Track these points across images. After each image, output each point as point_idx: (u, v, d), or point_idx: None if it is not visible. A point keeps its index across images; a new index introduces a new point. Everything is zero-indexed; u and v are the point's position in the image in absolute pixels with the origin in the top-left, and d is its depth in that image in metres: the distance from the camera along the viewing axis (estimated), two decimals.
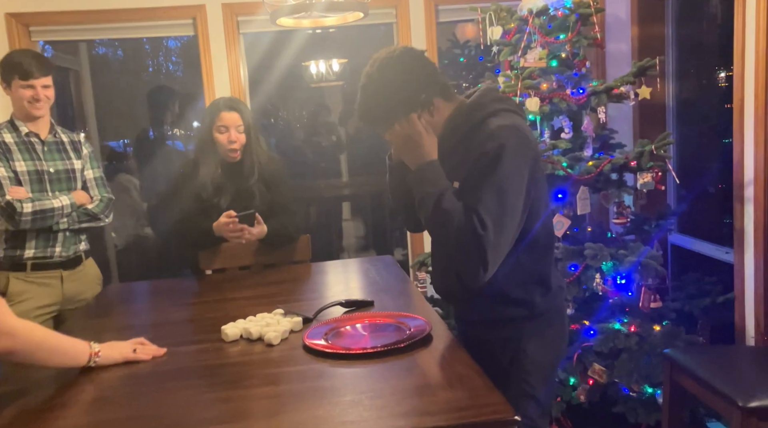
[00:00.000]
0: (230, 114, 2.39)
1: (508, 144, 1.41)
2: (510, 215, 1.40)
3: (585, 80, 2.73)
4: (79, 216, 2.45)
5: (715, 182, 3.29)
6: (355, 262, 2.83)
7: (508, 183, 1.40)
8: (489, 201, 1.38)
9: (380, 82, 1.50)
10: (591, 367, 2.51)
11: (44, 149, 2.42)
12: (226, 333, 1.61)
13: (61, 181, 2.44)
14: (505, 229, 1.39)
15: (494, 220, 1.37)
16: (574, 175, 2.55)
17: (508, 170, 1.40)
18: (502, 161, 1.39)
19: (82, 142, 2.56)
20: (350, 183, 6.23)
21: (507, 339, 1.55)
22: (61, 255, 2.44)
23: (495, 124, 1.45)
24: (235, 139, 2.39)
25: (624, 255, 2.51)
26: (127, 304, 2.26)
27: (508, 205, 1.40)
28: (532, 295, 1.54)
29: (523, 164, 1.43)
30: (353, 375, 1.37)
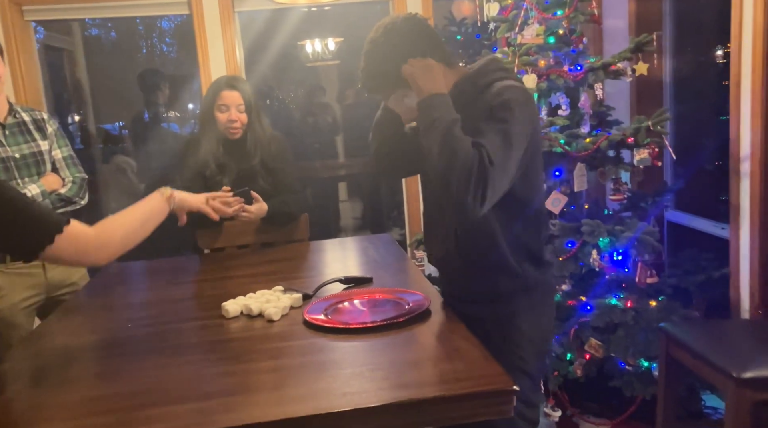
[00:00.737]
0: (231, 92, 2.39)
1: (515, 98, 1.44)
2: (512, 160, 1.42)
3: (582, 57, 2.72)
4: (53, 203, 2.29)
5: (711, 159, 3.30)
6: (354, 241, 2.85)
7: (513, 130, 1.41)
8: (495, 141, 1.40)
9: (385, 47, 1.51)
10: (588, 342, 2.54)
11: (6, 133, 2.25)
12: (226, 309, 1.62)
13: (29, 166, 2.27)
14: (506, 170, 1.41)
15: (499, 158, 1.38)
16: (571, 152, 2.56)
17: (514, 119, 1.42)
18: (510, 111, 1.42)
19: (46, 120, 2.38)
20: (347, 163, 6.22)
21: (499, 316, 1.56)
22: None
23: (501, 85, 1.48)
24: (235, 118, 2.38)
25: (621, 231, 2.52)
26: (126, 284, 2.27)
27: (513, 149, 1.41)
28: (526, 267, 1.57)
29: (528, 120, 1.46)
30: (353, 349, 1.39)
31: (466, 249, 1.59)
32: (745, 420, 1.85)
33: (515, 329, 1.55)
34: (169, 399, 1.20)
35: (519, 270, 1.56)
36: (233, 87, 2.40)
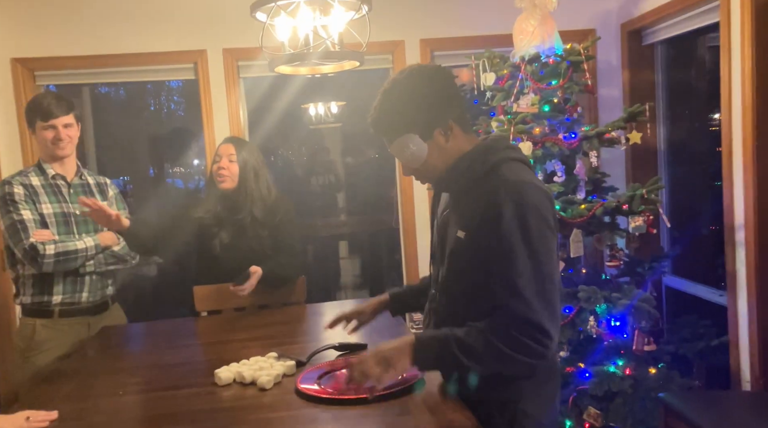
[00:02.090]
0: (226, 145, 2.54)
1: (528, 201, 1.35)
2: (550, 278, 1.34)
3: (577, 125, 2.79)
4: (106, 259, 2.40)
5: (707, 224, 3.33)
6: (351, 304, 2.84)
7: (538, 244, 1.33)
8: (524, 271, 1.31)
9: (404, 89, 1.45)
10: (586, 410, 2.50)
11: (71, 191, 2.41)
12: (219, 377, 1.61)
13: (87, 223, 2.40)
14: (551, 296, 1.33)
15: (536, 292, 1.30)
16: (567, 218, 2.58)
17: (534, 231, 1.33)
18: (527, 223, 1.33)
19: (108, 184, 2.57)
20: (348, 221, 6.27)
21: (506, 401, 1.46)
22: (89, 300, 2.37)
23: (509, 178, 1.39)
24: (224, 166, 2.48)
25: (617, 297, 2.52)
26: (122, 347, 2.26)
27: (544, 268, 1.33)
28: None
29: (547, 220, 1.37)
30: (346, 421, 1.37)
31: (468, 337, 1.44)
32: None
33: (521, 413, 1.46)
34: None
35: None
36: (229, 141, 2.58)
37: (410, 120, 1.44)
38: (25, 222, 2.27)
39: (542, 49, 2.77)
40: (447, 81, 1.48)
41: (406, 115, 1.44)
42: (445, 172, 1.49)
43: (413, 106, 1.44)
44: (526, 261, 1.32)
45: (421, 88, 1.44)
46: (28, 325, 2.34)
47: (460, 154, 1.47)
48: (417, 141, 1.45)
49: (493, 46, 3.09)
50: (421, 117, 1.43)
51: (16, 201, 2.28)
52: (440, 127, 1.44)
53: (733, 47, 2.53)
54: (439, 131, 1.44)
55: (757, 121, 2.44)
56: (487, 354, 1.31)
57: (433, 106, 1.44)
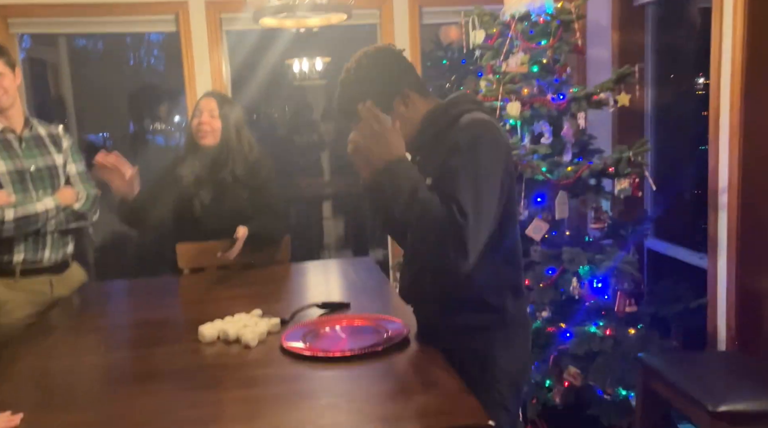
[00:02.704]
0: (207, 100, 2.46)
1: (483, 135, 1.46)
2: (487, 203, 1.43)
3: (565, 86, 2.76)
4: (67, 217, 2.30)
5: (691, 188, 3.35)
6: (335, 263, 2.84)
7: (483, 172, 1.43)
8: (466, 189, 1.39)
9: (358, 74, 1.57)
10: (566, 370, 2.55)
11: (22, 145, 2.27)
12: (203, 334, 1.60)
13: (43, 179, 2.28)
14: (482, 217, 1.41)
15: (473, 208, 1.38)
16: (552, 180, 2.58)
17: (484, 159, 1.44)
18: (478, 151, 1.44)
19: (61, 135, 2.40)
20: (331, 182, 6.23)
21: (477, 350, 1.54)
22: (51, 259, 2.29)
23: (468, 119, 1.50)
24: (205, 122, 2.41)
25: (600, 259, 2.54)
26: (104, 304, 2.24)
27: (485, 193, 1.42)
28: (505, 301, 1.55)
29: (498, 155, 1.48)
30: (330, 378, 1.38)
31: (444, 286, 1.55)
32: None
33: (492, 363, 1.53)
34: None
35: (497, 305, 1.54)
36: (210, 95, 2.49)
37: (370, 98, 1.52)
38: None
39: (533, 7, 2.71)
40: (395, 58, 1.61)
41: (364, 95, 1.53)
42: (412, 139, 1.58)
43: (368, 84, 1.55)
44: (469, 184, 1.40)
45: (372, 67, 1.57)
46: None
47: (422, 118, 1.58)
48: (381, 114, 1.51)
49: (483, 3, 3.03)
50: (377, 92, 1.53)
51: None
52: (398, 97, 1.56)
53: (725, 9, 2.50)
54: (398, 101, 1.56)
55: (745, 84, 2.43)
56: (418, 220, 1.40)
57: (387, 81, 1.56)
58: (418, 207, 1.40)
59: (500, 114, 2.69)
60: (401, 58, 1.62)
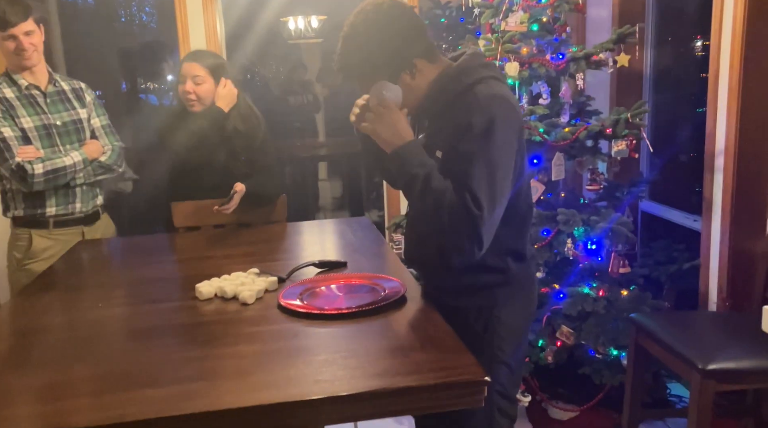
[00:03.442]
0: (189, 65, 2.38)
1: (498, 116, 1.38)
2: (501, 191, 1.39)
3: (565, 46, 2.72)
4: (94, 170, 2.39)
5: (688, 151, 3.34)
6: (331, 223, 2.85)
7: (499, 158, 1.38)
8: (481, 177, 1.35)
9: (365, 36, 1.44)
10: (559, 329, 2.58)
11: (47, 101, 2.33)
12: (200, 291, 1.61)
13: (70, 134, 2.35)
14: (497, 205, 1.38)
15: (487, 198, 1.35)
16: (550, 141, 2.57)
17: (499, 144, 1.37)
18: (494, 135, 1.37)
19: (84, 89, 2.47)
20: (327, 143, 6.19)
21: (480, 307, 1.55)
22: (82, 210, 2.40)
23: (483, 93, 1.41)
24: (190, 90, 2.36)
25: (595, 221, 2.55)
26: (100, 261, 2.24)
27: (499, 180, 1.38)
28: (508, 263, 1.55)
29: (513, 136, 1.42)
30: (327, 336, 1.39)
31: None
32: (708, 410, 1.91)
33: (495, 320, 1.54)
34: (138, 384, 1.19)
35: (502, 266, 1.55)
36: (191, 59, 2.41)
37: (374, 67, 1.45)
38: (7, 141, 2.21)
39: None
40: (405, 18, 1.47)
41: (369, 64, 1.45)
42: (420, 103, 1.51)
43: (375, 53, 1.44)
44: (483, 174, 1.36)
45: (379, 33, 1.44)
46: (23, 235, 2.35)
47: (430, 83, 1.49)
48: (387, 85, 1.46)
49: None
50: (384, 63, 1.46)
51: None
52: (406, 69, 1.46)
53: None
54: (406, 72, 1.47)
55: (745, 46, 2.40)
56: (432, 208, 1.38)
57: (395, 49, 1.45)
58: (431, 197, 1.38)
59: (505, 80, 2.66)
60: (413, 16, 1.49)
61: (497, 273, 1.55)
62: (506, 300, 1.56)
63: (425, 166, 1.41)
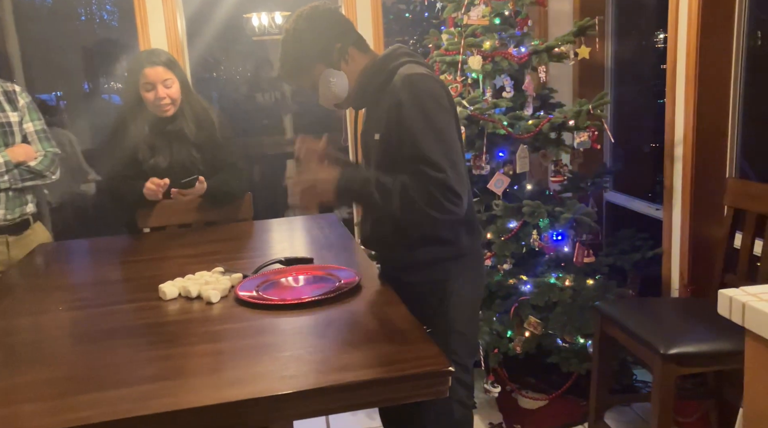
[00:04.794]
0: (153, 69, 2.27)
1: (423, 89, 1.50)
2: (455, 150, 1.50)
3: (527, 39, 2.75)
4: (21, 175, 2.26)
5: (649, 141, 3.41)
6: (299, 220, 2.83)
7: (439, 122, 1.49)
8: (430, 142, 1.46)
9: (295, 35, 1.61)
10: (527, 320, 2.61)
11: None
12: (163, 291, 1.59)
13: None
14: (457, 162, 1.48)
15: (444, 158, 1.45)
16: (514, 134, 2.59)
17: (434, 112, 1.49)
18: (425, 104, 1.49)
19: (17, 92, 2.36)
20: (294, 140, 6.14)
21: (435, 281, 1.65)
22: (6, 218, 2.26)
23: (406, 73, 1.54)
24: (163, 95, 2.29)
25: (560, 212, 2.59)
26: (62, 263, 2.19)
27: (449, 140, 1.49)
28: (459, 236, 1.65)
29: (442, 103, 1.53)
30: (293, 332, 1.38)
31: (399, 228, 1.63)
32: (670, 393, 1.95)
33: (449, 291, 1.65)
34: (103, 385, 1.17)
35: (453, 238, 1.64)
36: (154, 63, 2.28)
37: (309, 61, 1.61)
38: None
39: None
40: (330, 14, 1.65)
41: (304, 59, 1.61)
42: (352, 92, 1.65)
43: (308, 48, 1.61)
44: (431, 139, 1.46)
45: (308, 30, 1.61)
46: None
47: (361, 71, 1.64)
48: (335, 75, 1.62)
49: None
50: (317, 56, 1.61)
51: None
52: (342, 58, 1.62)
53: None
54: (335, 58, 1.62)
55: (701, 37, 2.46)
56: (401, 200, 1.47)
57: (326, 41, 1.61)
58: (395, 195, 1.47)
59: (462, 68, 2.68)
60: (337, 14, 1.67)
61: (450, 246, 1.65)
62: (458, 273, 1.66)
63: (368, 180, 1.51)
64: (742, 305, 1.33)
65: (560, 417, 2.62)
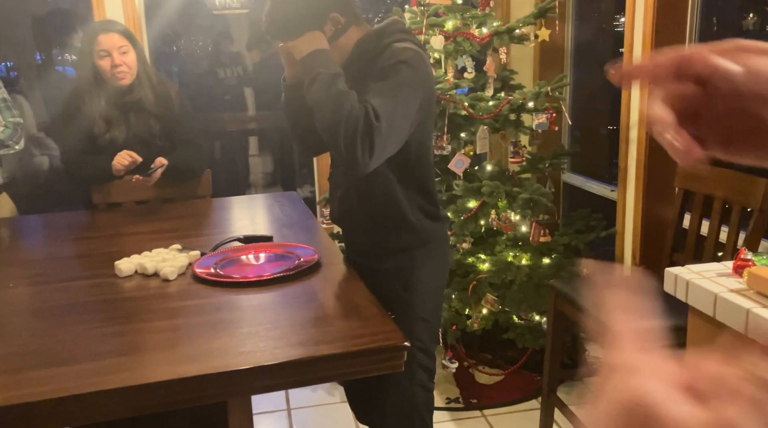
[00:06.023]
0: (108, 36, 2.23)
1: (407, 61, 1.49)
2: (401, 114, 1.46)
3: (489, 20, 2.77)
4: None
5: (606, 124, 3.48)
6: (260, 198, 2.81)
7: (402, 87, 1.47)
8: (383, 97, 1.43)
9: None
10: (484, 297, 2.67)
11: None
12: (119, 268, 1.57)
13: None
14: (394, 125, 1.44)
15: (386, 115, 1.41)
16: (475, 115, 2.62)
17: (402, 76, 1.47)
18: (399, 74, 1.47)
19: None
20: (257, 117, 6.07)
21: (400, 268, 1.65)
22: None
23: (399, 47, 1.52)
24: (119, 62, 2.23)
25: (518, 192, 2.63)
26: (15, 239, 2.14)
27: (400, 105, 1.46)
28: (424, 222, 1.66)
29: (419, 80, 1.51)
30: (250, 309, 1.39)
31: (368, 206, 1.65)
32: None
33: (414, 279, 1.64)
34: (57, 361, 1.16)
35: (418, 225, 1.64)
36: (109, 30, 2.25)
37: (301, 23, 1.54)
38: None
39: None
40: None
41: (296, 19, 1.54)
42: (345, 63, 1.59)
43: (302, 9, 1.54)
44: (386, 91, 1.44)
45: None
46: None
47: (355, 44, 1.59)
48: None
49: None
50: (310, 19, 1.53)
51: None
52: (330, 23, 1.55)
53: None
54: (329, 27, 1.55)
55: (657, 20, 2.51)
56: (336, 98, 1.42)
57: (322, 6, 1.54)
58: (334, 97, 1.42)
59: (424, 47, 2.68)
60: None
61: (414, 233, 1.65)
62: (423, 260, 1.66)
63: (334, 69, 1.48)
64: (686, 283, 1.39)
65: (515, 391, 2.70)
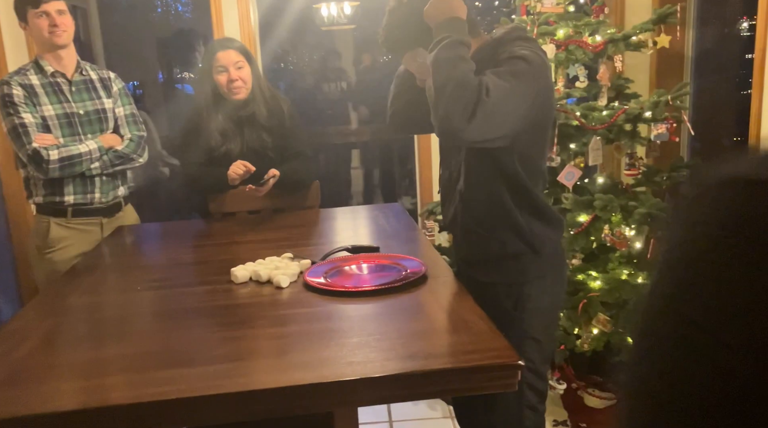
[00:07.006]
0: (225, 53, 2.33)
1: (525, 56, 1.43)
2: (511, 101, 1.39)
3: (602, 27, 2.66)
4: (111, 160, 2.36)
5: (730, 135, 3.24)
6: (364, 209, 2.84)
7: (518, 76, 1.40)
8: (499, 78, 1.38)
9: (409, 8, 1.51)
10: (596, 317, 2.54)
11: (72, 89, 2.34)
12: (235, 275, 1.63)
13: (92, 123, 2.36)
14: (501, 107, 1.37)
15: (497, 93, 1.36)
16: (587, 125, 2.51)
17: (520, 69, 1.41)
18: (517, 64, 1.42)
19: (112, 79, 2.47)
20: (360, 130, 6.18)
21: (510, 283, 1.57)
22: (101, 201, 2.37)
23: (518, 52, 1.46)
24: (236, 77, 2.33)
25: (634, 206, 2.49)
26: (137, 246, 2.28)
27: (512, 92, 1.39)
28: (533, 224, 1.56)
29: (536, 76, 1.44)
30: (360, 319, 1.39)
31: (472, 208, 1.59)
32: None
33: (525, 296, 1.56)
34: (177, 362, 1.21)
35: (526, 227, 1.55)
36: (225, 47, 2.35)
37: (416, 36, 1.51)
38: (27, 126, 2.21)
39: None
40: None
41: (411, 33, 1.51)
42: None
43: (419, 26, 1.49)
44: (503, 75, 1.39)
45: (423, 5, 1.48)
46: (43, 223, 2.35)
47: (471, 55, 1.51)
48: (423, 53, 1.51)
49: None
50: (427, 35, 1.47)
51: (15, 103, 2.22)
52: None
53: None
54: None
55: None
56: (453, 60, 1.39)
57: None
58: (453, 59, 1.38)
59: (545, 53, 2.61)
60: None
61: (522, 237, 1.55)
62: (536, 277, 1.57)
63: (463, 36, 1.42)
64: None
65: None
